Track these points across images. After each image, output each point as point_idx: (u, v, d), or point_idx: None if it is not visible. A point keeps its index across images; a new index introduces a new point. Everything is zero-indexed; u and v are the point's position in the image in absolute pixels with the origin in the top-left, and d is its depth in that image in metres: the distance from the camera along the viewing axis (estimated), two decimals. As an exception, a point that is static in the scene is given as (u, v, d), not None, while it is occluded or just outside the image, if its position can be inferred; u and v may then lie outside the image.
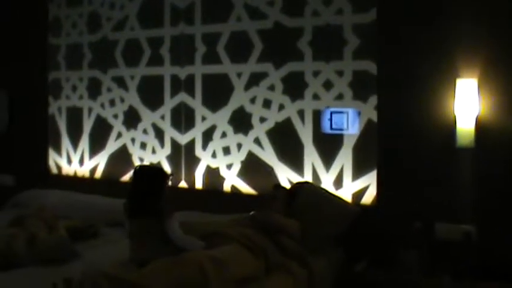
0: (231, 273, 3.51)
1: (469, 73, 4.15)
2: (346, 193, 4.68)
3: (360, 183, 4.65)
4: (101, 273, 3.29)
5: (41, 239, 4.21)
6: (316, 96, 4.81)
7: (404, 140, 4.44)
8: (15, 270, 3.95)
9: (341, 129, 4.70)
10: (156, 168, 4.18)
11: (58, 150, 6.46)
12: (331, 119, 4.74)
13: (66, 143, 6.38)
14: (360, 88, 4.64)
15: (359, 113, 4.62)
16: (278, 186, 4.69)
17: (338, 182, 4.73)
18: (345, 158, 4.70)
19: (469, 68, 4.16)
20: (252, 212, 4.36)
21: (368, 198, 4.61)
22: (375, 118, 4.56)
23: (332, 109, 4.73)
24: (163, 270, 3.41)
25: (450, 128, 4.19)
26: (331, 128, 4.74)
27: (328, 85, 4.76)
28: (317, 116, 4.81)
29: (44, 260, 4.09)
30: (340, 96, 4.71)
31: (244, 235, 3.94)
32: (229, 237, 3.94)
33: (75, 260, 4.21)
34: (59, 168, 6.46)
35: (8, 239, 4.21)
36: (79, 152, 6.27)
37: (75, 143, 6.31)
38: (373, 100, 4.56)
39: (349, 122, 4.66)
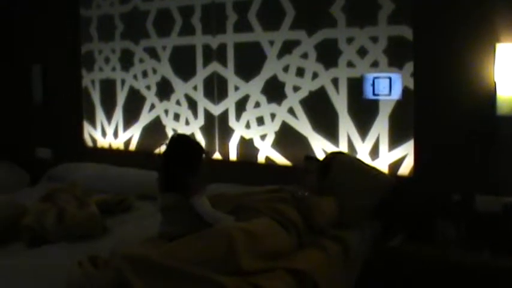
0: (262, 246, 3.43)
1: (510, 37, 3.94)
2: (382, 164, 4.54)
3: (396, 153, 4.49)
4: (123, 255, 3.21)
5: (70, 215, 4.19)
6: (350, 64, 4.65)
7: (442, 108, 4.27)
8: (45, 246, 3.95)
9: (385, 95, 4.52)
10: (194, 142, 4.05)
11: (93, 123, 6.42)
12: (373, 85, 4.56)
13: (100, 115, 6.33)
14: (396, 54, 4.46)
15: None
16: (309, 157, 4.55)
17: (374, 152, 4.58)
18: (381, 127, 4.54)
19: (509, 32, 3.95)
20: (284, 187, 4.25)
21: (405, 169, 4.46)
22: (411, 86, 4.38)
23: (375, 74, 4.54)
24: (188, 244, 3.34)
25: (490, 95, 4.01)
26: (374, 94, 4.57)
27: (362, 52, 4.59)
28: (352, 84, 4.65)
29: (73, 236, 4.07)
30: (375, 64, 4.54)
31: (277, 210, 3.84)
32: (261, 211, 3.84)
33: (106, 236, 4.20)
34: (94, 141, 6.42)
35: (38, 215, 4.20)
36: (113, 125, 6.22)
37: (109, 116, 6.26)
38: (410, 67, 4.39)
39: (392, 87, 4.48)
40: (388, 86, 4.50)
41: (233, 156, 5.34)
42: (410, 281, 3.95)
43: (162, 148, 3.96)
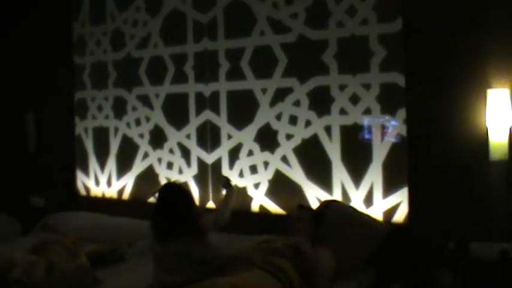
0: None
1: (501, 83, 3.94)
2: (377, 211, 4.49)
3: (391, 201, 4.45)
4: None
5: (60, 267, 4.15)
6: (343, 111, 4.63)
7: (435, 155, 4.25)
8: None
9: (379, 142, 4.50)
10: (179, 186, 4.12)
11: (86, 171, 6.39)
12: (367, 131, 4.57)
13: (93, 163, 6.31)
14: (388, 101, 4.45)
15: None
16: (302, 206, 4.51)
17: (368, 200, 4.54)
18: (375, 175, 4.51)
19: (500, 78, 3.95)
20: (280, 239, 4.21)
21: (400, 216, 4.41)
22: (404, 132, 4.36)
23: (368, 121, 4.55)
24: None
25: (483, 140, 3.98)
26: (367, 140, 4.56)
27: (355, 99, 4.58)
28: (345, 131, 4.63)
29: (63, 288, 4.02)
30: (367, 111, 4.53)
31: (271, 262, 3.79)
32: (254, 263, 3.80)
33: (98, 288, 4.15)
34: (87, 189, 6.39)
35: (27, 267, 4.15)
36: (106, 173, 6.19)
37: (102, 164, 6.23)
38: (402, 113, 4.37)
39: (386, 134, 4.48)
40: (381, 133, 4.49)
41: (227, 205, 5.28)
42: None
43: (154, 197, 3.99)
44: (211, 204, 5.38)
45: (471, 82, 4.05)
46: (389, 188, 4.46)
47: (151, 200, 4.10)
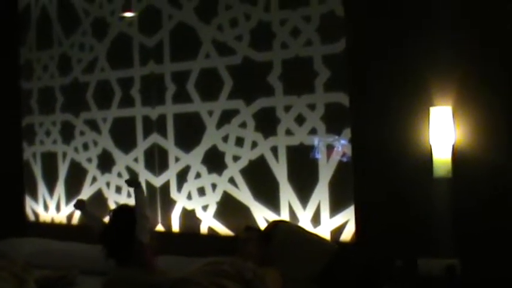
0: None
1: (444, 101, 3.98)
2: (324, 230, 4.51)
3: (338, 220, 4.47)
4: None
5: (6, 294, 4.07)
6: (289, 132, 4.66)
7: (380, 173, 4.26)
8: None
9: (324, 161, 4.53)
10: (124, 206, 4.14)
11: (34, 197, 6.33)
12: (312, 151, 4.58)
13: (42, 189, 6.26)
14: (333, 121, 4.49)
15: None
16: (249, 227, 4.53)
17: (316, 219, 4.56)
18: (321, 194, 4.53)
19: (443, 96, 3.99)
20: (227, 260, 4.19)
21: (347, 235, 4.44)
22: (349, 151, 4.39)
23: (314, 141, 4.57)
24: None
25: (427, 158, 4.01)
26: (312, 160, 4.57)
27: (300, 120, 4.61)
28: (291, 151, 4.65)
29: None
30: (313, 131, 4.56)
31: (219, 284, 3.77)
32: (202, 285, 3.77)
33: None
34: (36, 215, 6.32)
35: (-28, 297, 4.08)
36: (55, 198, 6.14)
37: (51, 189, 6.18)
38: (347, 133, 4.40)
39: (330, 154, 4.51)
40: (327, 153, 4.51)
41: (176, 227, 5.28)
42: None
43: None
44: (160, 228, 5.34)
45: (414, 100, 4.09)
46: (336, 207, 4.48)
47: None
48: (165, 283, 3.87)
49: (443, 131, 3.91)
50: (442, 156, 3.94)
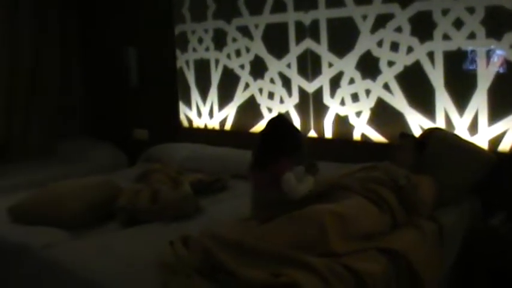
0: (353, 228, 3.37)
1: None
2: (482, 139, 4.36)
3: (497, 128, 4.31)
4: (213, 235, 3.22)
5: (164, 195, 4.21)
6: (446, 37, 4.47)
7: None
8: (139, 226, 4.00)
9: (484, 67, 4.32)
10: (292, 127, 3.96)
11: (188, 104, 6.45)
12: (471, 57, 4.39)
13: (195, 96, 6.37)
14: (494, 25, 4.25)
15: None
16: (404, 134, 4.44)
17: (473, 128, 4.41)
18: (480, 101, 4.35)
19: None
20: (379, 165, 4.15)
21: (506, 144, 4.27)
22: (511, 57, 4.18)
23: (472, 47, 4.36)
24: (279, 228, 3.31)
25: None
26: (471, 66, 4.38)
27: (458, 24, 4.40)
28: (448, 57, 4.48)
29: (167, 216, 4.09)
30: (472, 35, 4.35)
31: (371, 190, 3.74)
32: (354, 190, 3.76)
33: (199, 216, 4.20)
34: (189, 121, 6.47)
35: (132, 195, 4.25)
36: (208, 105, 6.24)
37: (204, 96, 6.28)
38: (509, 38, 4.18)
39: (491, 59, 4.27)
40: (486, 58, 4.32)
41: (328, 133, 5.25)
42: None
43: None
44: (312, 134, 5.34)
45: None
46: (495, 115, 4.30)
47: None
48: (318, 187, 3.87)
49: None
50: None
